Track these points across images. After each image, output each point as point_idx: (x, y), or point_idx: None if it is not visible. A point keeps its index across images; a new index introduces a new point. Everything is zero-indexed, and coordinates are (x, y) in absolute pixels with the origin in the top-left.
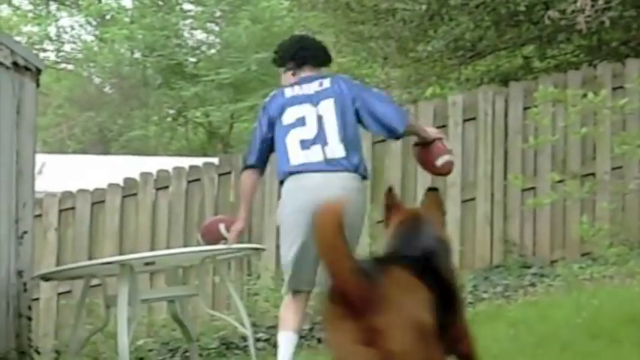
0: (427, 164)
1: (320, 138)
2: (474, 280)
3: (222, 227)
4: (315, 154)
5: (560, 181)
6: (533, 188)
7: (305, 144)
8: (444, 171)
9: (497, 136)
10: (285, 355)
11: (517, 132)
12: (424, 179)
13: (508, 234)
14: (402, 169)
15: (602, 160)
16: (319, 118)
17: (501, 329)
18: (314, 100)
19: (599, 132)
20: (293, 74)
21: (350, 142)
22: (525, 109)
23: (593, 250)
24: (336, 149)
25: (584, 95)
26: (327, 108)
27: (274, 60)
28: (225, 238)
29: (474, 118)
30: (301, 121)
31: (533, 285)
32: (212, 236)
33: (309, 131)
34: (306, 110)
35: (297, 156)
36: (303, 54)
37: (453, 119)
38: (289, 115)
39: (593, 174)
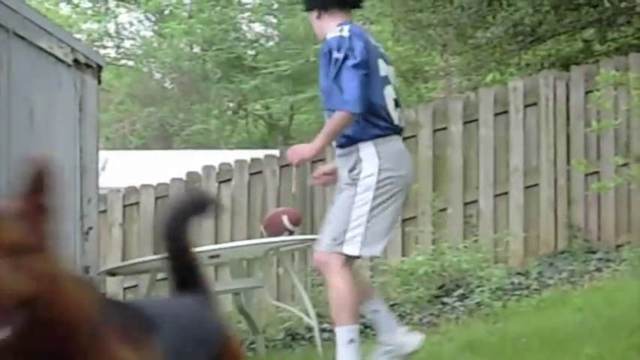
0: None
1: (398, 102)
2: (539, 267)
3: (285, 219)
4: (400, 118)
5: (623, 165)
6: (596, 172)
7: (395, 104)
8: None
9: (559, 121)
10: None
11: (579, 116)
12: (486, 167)
13: (572, 219)
14: (464, 157)
15: None
16: (391, 80)
17: (568, 315)
18: (385, 57)
19: None
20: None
21: None
22: (587, 93)
23: None
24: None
25: None
26: (390, 71)
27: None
28: (288, 230)
29: (535, 104)
30: (387, 79)
31: (599, 270)
32: (275, 228)
33: (392, 92)
34: (385, 67)
35: (394, 114)
36: None
37: (514, 105)
38: (381, 67)
39: None
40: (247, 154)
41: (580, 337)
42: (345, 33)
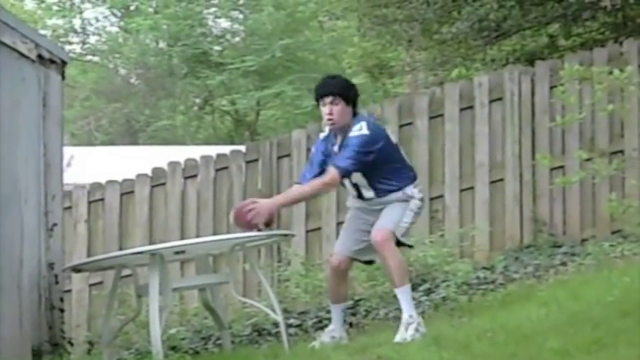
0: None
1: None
2: (504, 261)
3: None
4: None
5: (588, 160)
6: (561, 167)
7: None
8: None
9: (524, 115)
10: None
11: (544, 111)
12: (452, 162)
13: (538, 214)
14: (430, 152)
15: (631, 137)
16: None
17: (533, 309)
18: None
19: (626, 109)
20: None
21: None
22: (552, 88)
23: (624, 228)
24: None
25: (610, 72)
26: None
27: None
28: (258, 228)
29: (500, 99)
30: None
31: (564, 264)
32: (244, 219)
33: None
34: None
35: None
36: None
37: (479, 100)
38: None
39: (621, 151)
40: (214, 150)
41: (545, 331)
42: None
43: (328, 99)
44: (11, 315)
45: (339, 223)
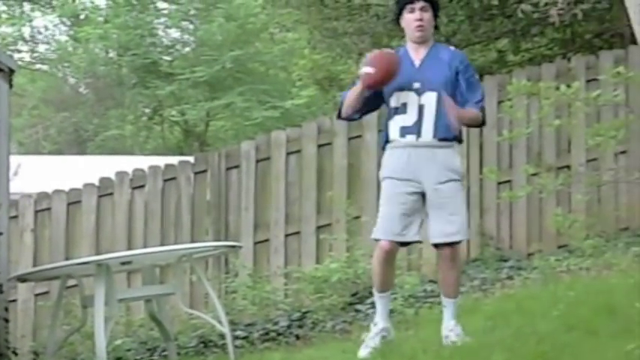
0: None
1: None
2: None
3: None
4: None
5: (535, 174)
6: (509, 181)
7: None
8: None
9: (472, 130)
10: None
11: (492, 126)
12: None
13: (484, 227)
14: (378, 164)
15: (577, 153)
16: None
17: (479, 322)
18: None
19: (573, 124)
20: None
21: None
22: (500, 102)
23: (570, 243)
24: None
25: (557, 88)
26: None
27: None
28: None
29: None
30: None
31: (510, 278)
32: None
33: None
34: None
35: None
36: None
37: None
38: None
39: (568, 166)
40: (162, 161)
41: (490, 344)
42: None
43: (419, 4)
44: None
45: (288, 235)
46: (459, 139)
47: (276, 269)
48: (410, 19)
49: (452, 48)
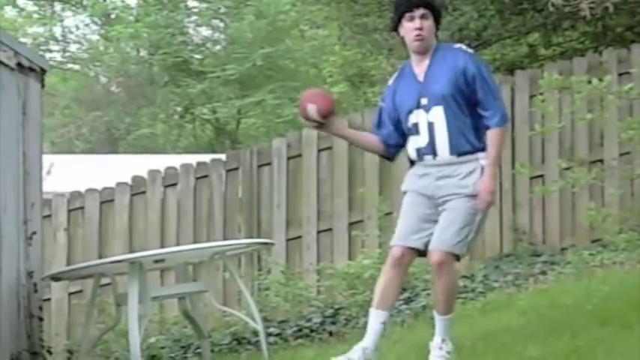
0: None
1: None
2: (484, 270)
3: (311, 108)
4: None
5: (567, 169)
6: (541, 176)
7: None
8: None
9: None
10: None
11: (524, 120)
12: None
13: (517, 222)
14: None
15: (610, 146)
16: None
17: (512, 318)
18: None
19: (605, 118)
20: None
21: None
22: (531, 97)
23: (603, 237)
24: None
25: (589, 82)
26: None
27: None
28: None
29: None
30: None
31: (543, 273)
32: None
33: None
34: None
35: None
36: None
37: None
38: None
39: (601, 160)
40: (194, 159)
41: (524, 339)
42: None
43: (419, 11)
44: None
45: (320, 232)
46: (484, 149)
47: (308, 266)
48: (409, 28)
49: (457, 46)
